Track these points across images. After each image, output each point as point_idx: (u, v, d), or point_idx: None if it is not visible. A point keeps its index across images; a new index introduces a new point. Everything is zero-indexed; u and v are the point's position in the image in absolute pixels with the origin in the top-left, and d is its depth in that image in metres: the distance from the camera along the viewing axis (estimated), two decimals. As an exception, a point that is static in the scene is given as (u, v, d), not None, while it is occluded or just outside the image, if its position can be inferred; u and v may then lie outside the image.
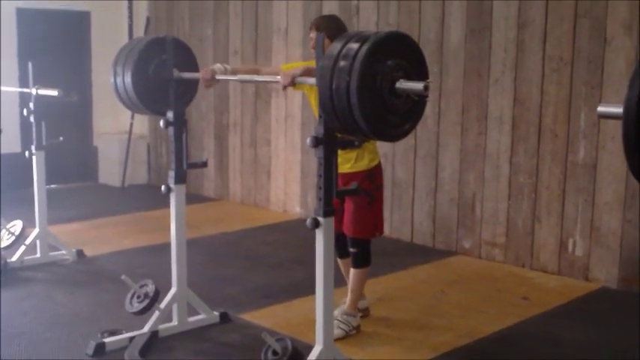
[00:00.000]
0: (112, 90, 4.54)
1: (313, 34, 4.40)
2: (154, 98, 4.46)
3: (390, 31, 3.25)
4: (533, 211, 5.98)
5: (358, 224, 4.52)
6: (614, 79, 5.43)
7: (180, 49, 4.56)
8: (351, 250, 4.60)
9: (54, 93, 5.82)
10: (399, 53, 3.19)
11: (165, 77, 4.41)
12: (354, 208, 4.49)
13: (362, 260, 4.61)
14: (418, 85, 3.11)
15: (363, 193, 4.24)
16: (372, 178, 4.53)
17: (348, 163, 4.46)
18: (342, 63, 3.12)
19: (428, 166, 6.67)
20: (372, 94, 3.11)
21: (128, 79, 4.37)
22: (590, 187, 5.64)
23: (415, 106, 3.30)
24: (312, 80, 3.58)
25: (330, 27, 4.37)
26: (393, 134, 3.33)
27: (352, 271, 4.64)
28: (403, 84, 3.13)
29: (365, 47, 3.08)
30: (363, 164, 4.48)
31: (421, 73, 3.27)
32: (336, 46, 3.19)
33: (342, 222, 4.52)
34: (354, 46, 3.12)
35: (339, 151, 4.33)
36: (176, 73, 4.40)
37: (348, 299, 4.64)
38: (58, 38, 9.59)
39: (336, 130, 3.47)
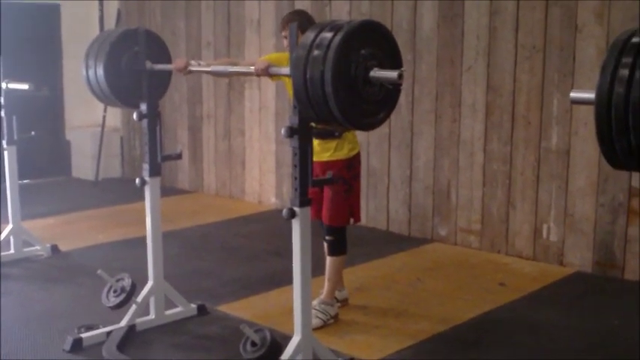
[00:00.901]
0: (84, 83, 4.50)
1: (286, 33, 4.36)
2: (127, 91, 4.43)
3: (364, 20, 3.25)
4: (508, 198, 6.02)
5: (334, 212, 4.55)
6: (585, 67, 5.47)
7: (153, 41, 4.53)
8: (327, 238, 4.64)
9: (24, 87, 5.76)
10: (372, 42, 3.20)
11: (138, 69, 4.38)
12: (331, 197, 4.52)
13: (337, 248, 4.66)
14: (392, 74, 3.12)
15: (341, 181, 4.31)
16: (351, 166, 4.57)
17: (327, 152, 4.49)
18: (315, 52, 3.12)
19: (402, 155, 6.69)
20: (347, 83, 3.11)
21: (100, 71, 4.33)
22: (564, 173, 5.68)
23: (389, 94, 3.31)
24: (286, 70, 3.57)
25: (302, 20, 4.34)
26: (368, 123, 3.34)
27: (328, 259, 4.67)
28: (377, 73, 3.14)
29: (339, 36, 3.08)
30: (343, 153, 4.52)
31: (395, 62, 3.28)
32: (309, 36, 3.18)
33: (317, 210, 4.54)
34: (328, 35, 3.12)
35: (319, 141, 4.38)
36: (149, 65, 4.37)
37: (325, 288, 4.65)
38: (28, 31, 9.46)
39: (311, 120, 3.47)
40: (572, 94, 2.33)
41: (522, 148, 5.90)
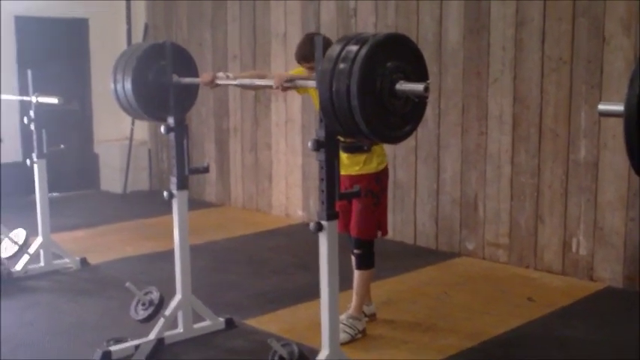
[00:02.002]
0: (112, 97, 4.54)
1: (305, 66, 4.41)
2: (155, 104, 4.46)
3: (389, 33, 3.25)
4: (536, 211, 5.98)
5: (362, 225, 4.55)
6: (613, 79, 5.42)
7: (180, 54, 4.56)
8: (355, 251, 4.63)
9: (54, 101, 5.82)
10: (398, 55, 3.19)
11: (165, 83, 4.41)
12: (360, 210, 4.52)
13: (365, 261, 4.63)
14: (418, 87, 3.11)
15: (370, 194, 4.35)
16: (379, 180, 4.58)
17: (357, 166, 4.51)
18: (341, 65, 3.12)
19: (429, 168, 6.67)
20: (372, 96, 3.11)
21: (128, 85, 4.37)
22: (593, 186, 5.63)
23: (415, 107, 3.29)
24: (312, 83, 3.57)
25: (307, 48, 4.29)
26: (394, 136, 3.33)
27: (356, 272, 4.65)
28: (403, 85, 3.13)
29: (364, 49, 3.08)
30: (372, 167, 4.53)
31: (421, 75, 3.26)
32: (335, 49, 3.19)
33: (345, 224, 4.56)
34: (353, 48, 3.11)
35: (348, 154, 4.42)
36: (175, 78, 4.40)
37: (353, 302, 4.64)
38: (56, 46, 9.58)
39: (337, 133, 3.47)
40: (600, 107, 2.31)
41: (550, 160, 5.85)
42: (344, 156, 4.40)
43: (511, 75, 6.01)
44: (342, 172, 4.29)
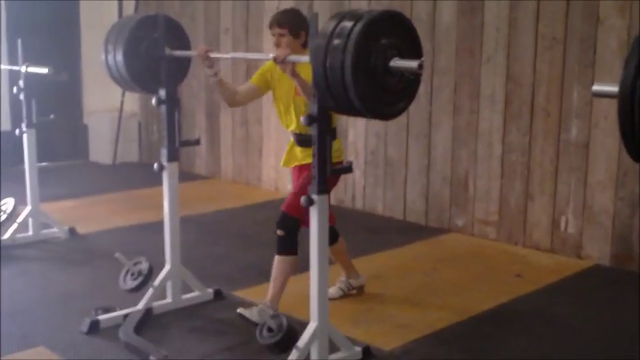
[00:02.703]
0: (104, 68, 4.52)
1: (274, 31, 4.22)
2: (146, 76, 4.44)
3: (384, 10, 3.24)
4: (526, 190, 6.00)
5: (294, 201, 4.15)
6: (606, 59, 5.43)
7: (172, 27, 4.53)
8: (277, 231, 4.33)
9: (44, 71, 5.79)
10: (392, 32, 3.19)
11: (157, 55, 4.39)
12: (298, 185, 4.37)
13: (286, 245, 4.33)
14: (412, 64, 3.12)
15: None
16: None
17: (309, 158, 4.01)
18: (335, 41, 3.11)
19: (420, 145, 6.68)
20: (366, 72, 3.11)
21: (120, 57, 4.35)
22: (583, 165, 5.65)
23: (409, 84, 3.30)
24: (306, 58, 3.55)
25: (297, 21, 4.24)
26: (387, 113, 3.34)
27: (276, 258, 4.37)
28: (397, 62, 3.13)
29: (359, 26, 3.07)
30: None
31: (415, 52, 3.27)
32: (329, 25, 3.18)
33: None
34: (348, 24, 3.11)
35: (300, 149, 4.37)
36: (168, 51, 4.38)
37: (269, 292, 4.40)
38: (47, 15, 9.49)
39: (330, 109, 3.47)
40: (595, 87, 2.31)
41: (541, 139, 5.87)
42: (297, 149, 4.41)
43: (504, 54, 6.01)
44: (296, 163, 4.43)
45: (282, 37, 4.19)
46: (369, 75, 3.11)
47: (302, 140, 4.32)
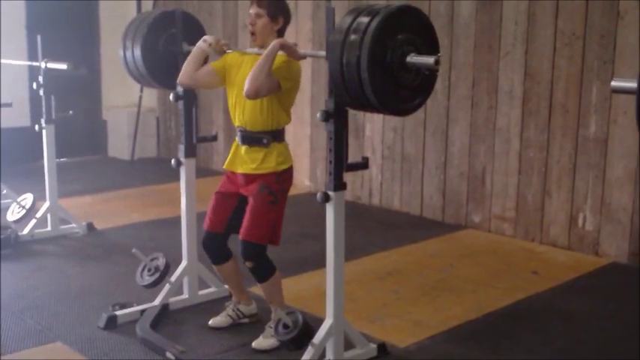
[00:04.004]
0: (122, 63, 4.53)
1: (254, 10, 3.89)
2: (164, 72, 4.45)
3: (401, 5, 3.23)
4: (544, 186, 5.97)
5: (255, 226, 3.92)
6: (626, 55, 5.38)
7: (190, 23, 4.53)
8: (247, 264, 3.97)
9: (63, 66, 5.81)
10: (409, 27, 3.18)
11: (175, 51, 4.40)
12: (252, 206, 3.96)
13: (264, 272, 4.02)
14: (429, 60, 3.11)
15: (266, 190, 3.92)
16: (280, 180, 3.99)
17: (253, 163, 3.97)
18: (352, 37, 3.11)
19: (438, 140, 6.66)
20: (383, 68, 3.10)
21: (138, 52, 4.37)
22: (601, 161, 5.61)
23: (426, 80, 3.29)
24: (322, 53, 3.53)
25: (277, 5, 3.93)
26: (404, 108, 3.33)
27: (260, 286, 4.10)
28: (414, 58, 3.13)
29: (375, 21, 3.07)
30: (270, 166, 3.95)
31: (432, 48, 3.26)
32: (346, 20, 3.17)
33: (221, 221, 4.17)
34: (365, 19, 3.10)
35: (245, 150, 4.00)
36: (185, 46, 4.38)
37: (273, 313, 4.10)
38: (66, 11, 9.55)
39: (346, 105, 3.46)
40: (614, 83, 2.30)
41: (559, 135, 5.83)
42: (242, 149, 4.01)
43: (523, 49, 5.97)
44: (239, 170, 4.02)
45: (258, 17, 3.87)
46: (385, 71, 3.11)
47: (244, 136, 3.99)
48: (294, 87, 3.99)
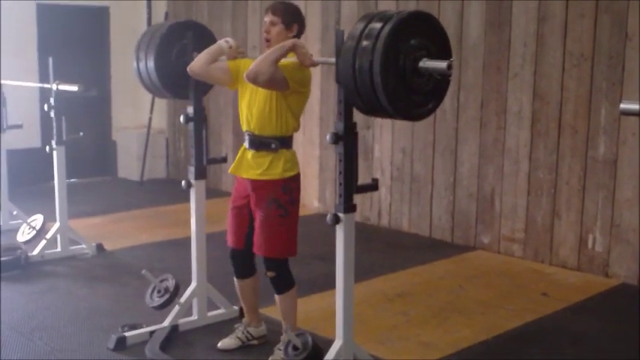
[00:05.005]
0: (135, 75, 4.52)
1: (269, 19, 3.97)
2: (177, 82, 4.44)
3: (413, 11, 3.25)
4: (553, 207, 5.96)
5: (269, 241, 4.00)
6: (635, 76, 5.39)
7: (202, 33, 4.53)
8: (268, 274, 4.06)
9: (74, 88, 5.85)
10: (421, 32, 3.19)
11: (187, 62, 4.38)
12: (263, 222, 3.99)
13: (284, 284, 4.09)
14: (441, 64, 3.12)
15: (274, 204, 3.95)
16: (287, 189, 3.99)
17: (259, 168, 3.96)
18: (364, 42, 3.12)
19: (447, 161, 6.66)
20: (395, 73, 3.11)
21: (151, 63, 4.36)
22: (611, 183, 5.60)
23: (438, 85, 3.30)
24: (332, 60, 3.52)
25: (291, 12, 4.02)
26: (416, 113, 3.33)
27: (277, 297, 4.14)
28: (426, 63, 3.14)
29: (388, 26, 3.08)
30: (276, 172, 3.94)
31: (444, 52, 3.27)
32: (358, 26, 3.19)
33: (239, 239, 4.25)
34: (377, 25, 3.12)
35: (253, 152, 3.98)
36: (196, 56, 4.35)
37: (287, 324, 4.11)
38: (77, 34, 9.63)
39: (358, 110, 3.44)
40: (622, 105, 2.31)
41: (568, 157, 5.83)
42: (249, 154, 3.99)
43: (531, 70, 5.99)
44: (244, 175, 4.02)
45: (273, 25, 3.95)
46: (397, 76, 3.11)
47: (254, 141, 3.95)
48: (305, 93, 3.96)
